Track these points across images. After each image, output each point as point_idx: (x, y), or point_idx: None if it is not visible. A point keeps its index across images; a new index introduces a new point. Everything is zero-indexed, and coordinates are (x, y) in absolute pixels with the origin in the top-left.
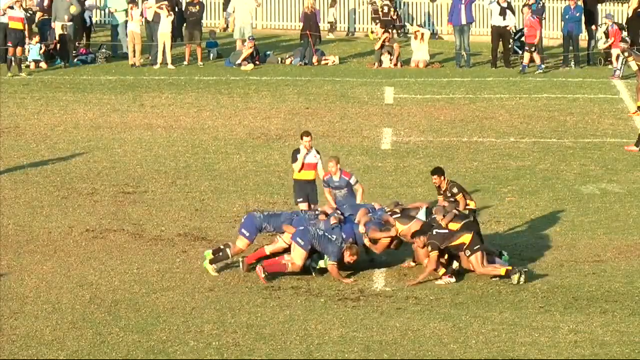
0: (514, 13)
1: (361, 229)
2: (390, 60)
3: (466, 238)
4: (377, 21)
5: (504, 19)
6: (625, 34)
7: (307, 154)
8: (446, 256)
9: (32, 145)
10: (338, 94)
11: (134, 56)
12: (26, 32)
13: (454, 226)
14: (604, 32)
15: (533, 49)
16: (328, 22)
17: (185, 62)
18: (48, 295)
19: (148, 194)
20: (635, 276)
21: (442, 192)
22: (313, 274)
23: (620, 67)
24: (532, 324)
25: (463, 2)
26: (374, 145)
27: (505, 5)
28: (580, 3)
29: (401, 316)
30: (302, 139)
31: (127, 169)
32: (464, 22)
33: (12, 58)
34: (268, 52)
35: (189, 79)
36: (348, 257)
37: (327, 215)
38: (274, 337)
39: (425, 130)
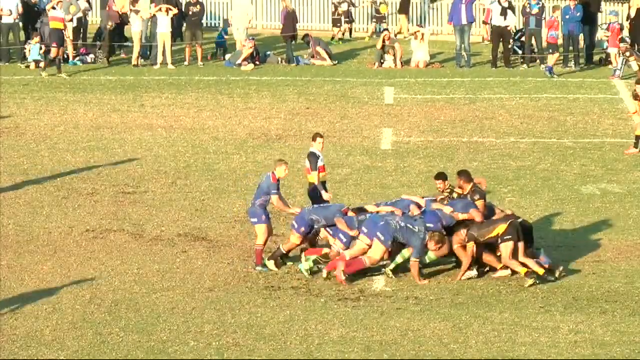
0: (514, 13)
1: (446, 209)
2: (393, 60)
3: (501, 228)
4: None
5: (505, 18)
6: (625, 32)
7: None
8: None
9: (32, 145)
10: (338, 94)
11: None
12: (67, 32)
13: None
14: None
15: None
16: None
17: (186, 62)
18: (48, 295)
19: (148, 194)
20: (635, 276)
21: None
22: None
23: (620, 67)
24: (532, 324)
25: (463, 1)
26: (374, 145)
27: (506, 5)
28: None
29: (401, 316)
30: (315, 140)
31: (127, 169)
32: (464, 22)
33: (58, 58)
34: (268, 52)
35: (189, 79)
36: (433, 247)
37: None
38: (274, 337)
39: (425, 131)
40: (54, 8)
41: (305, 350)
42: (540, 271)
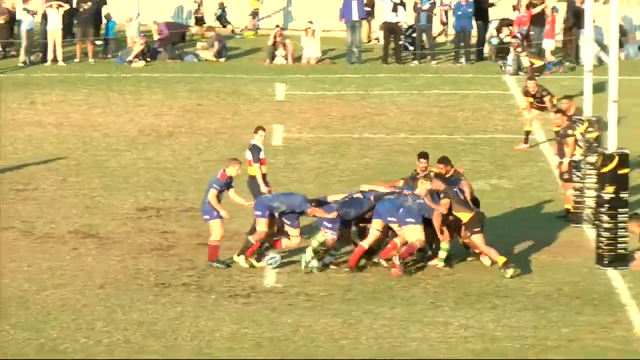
0: (405, 9)
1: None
2: (284, 56)
3: (466, 216)
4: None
5: (397, 15)
6: (516, 29)
7: None
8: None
9: None
10: (230, 91)
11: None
12: None
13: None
14: (495, 29)
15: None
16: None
17: (77, 59)
18: None
19: (38, 191)
20: (525, 272)
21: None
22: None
23: (512, 63)
24: (423, 320)
25: None
26: (265, 142)
27: (397, 1)
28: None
29: (292, 312)
30: (257, 133)
31: (18, 166)
32: (355, 18)
33: None
34: (159, 49)
35: (80, 76)
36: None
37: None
38: (165, 334)
39: (316, 127)
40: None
41: (196, 346)
42: (501, 260)
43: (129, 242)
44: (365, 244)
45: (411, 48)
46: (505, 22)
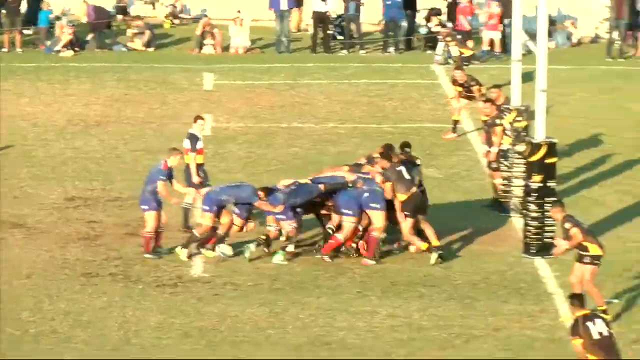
0: None
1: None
2: (213, 45)
3: (402, 197)
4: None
5: (325, 4)
6: (444, 18)
7: None
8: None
9: None
10: (158, 80)
11: None
12: None
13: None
14: (424, 18)
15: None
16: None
17: (5, 49)
18: None
19: None
20: (452, 261)
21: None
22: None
23: (441, 53)
24: (350, 309)
25: None
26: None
27: None
28: None
29: (219, 302)
30: (196, 122)
31: None
32: (284, 7)
33: None
34: (87, 39)
35: (8, 65)
36: None
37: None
38: (92, 323)
39: (245, 116)
40: None
41: (123, 336)
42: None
43: (56, 232)
44: (340, 236)
45: (340, 37)
46: (434, 12)
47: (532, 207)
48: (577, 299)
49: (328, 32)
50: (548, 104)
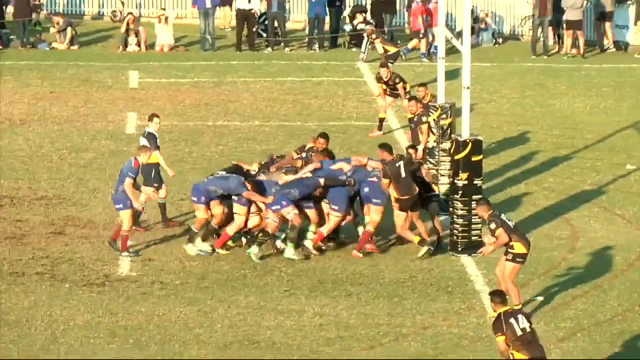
0: None
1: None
2: (137, 43)
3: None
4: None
5: (249, 2)
6: (368, 16)
7: None
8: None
9: None
10: (82, 78)
11: None
12: None
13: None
14: (348, 16)
15: (420, 35)
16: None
17: None
18: None
19: None
20: (380, 259)
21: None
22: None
23: (365, 50)
24: (278, 308)
25: None
26: (119, 130)
27: None
28: None
29: (147, 301)
30: (152, 120)
31: None
32: (208, 5)
33: None
34: (12, 37)
35: None
36: None
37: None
38: (19, 323)
39: (170, 114)
40: None
41: (50, 336)
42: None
43: None
44: (324, 230)
45: (265, 35)
46: (358, 9)
47: (459, 205)
48: (497, 296)
49: (253, 29)
50: (473, 101)
